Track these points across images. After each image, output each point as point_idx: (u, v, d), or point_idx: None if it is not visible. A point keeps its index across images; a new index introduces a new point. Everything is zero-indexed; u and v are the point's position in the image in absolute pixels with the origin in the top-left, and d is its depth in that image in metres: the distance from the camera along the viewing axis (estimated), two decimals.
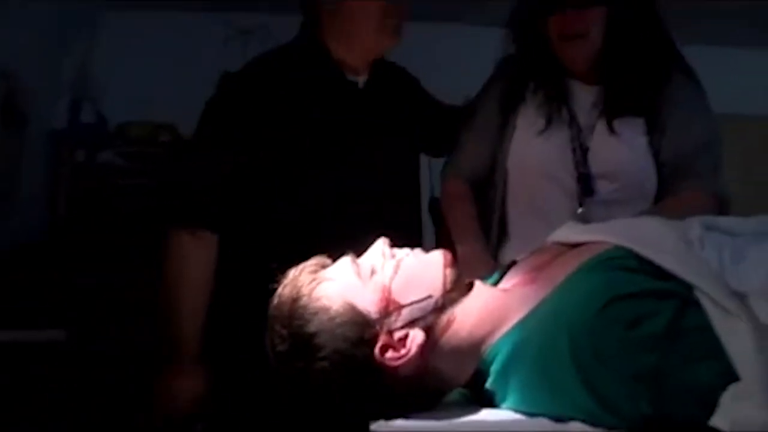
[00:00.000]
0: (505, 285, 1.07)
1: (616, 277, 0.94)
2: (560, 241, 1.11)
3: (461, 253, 1.46)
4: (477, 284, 1.04)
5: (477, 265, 1.42)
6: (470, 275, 1.06)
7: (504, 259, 1.49)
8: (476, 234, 1.58)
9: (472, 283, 1.03)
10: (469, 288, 1.02)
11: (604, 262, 0.98)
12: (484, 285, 1.06)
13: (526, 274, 1.05)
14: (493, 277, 1.12)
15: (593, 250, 1.01)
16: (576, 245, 1.07)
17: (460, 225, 1.59)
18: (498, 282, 1.09)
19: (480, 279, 1.07)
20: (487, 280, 1.10)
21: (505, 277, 1.09)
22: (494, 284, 1.09)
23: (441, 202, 1.68)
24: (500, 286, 1.07)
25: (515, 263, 1.12)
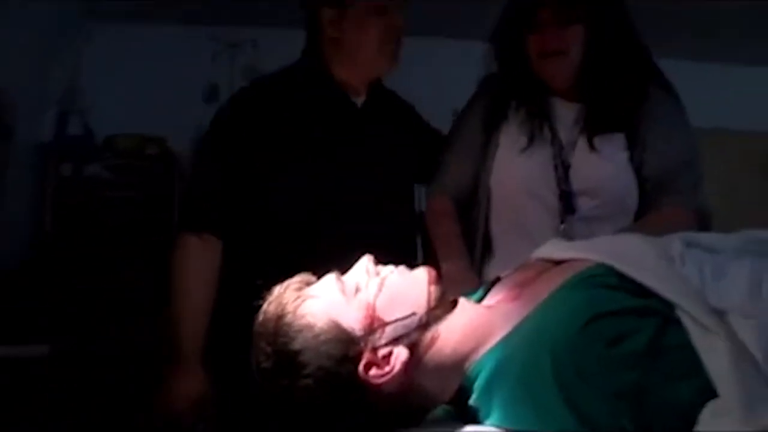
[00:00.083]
0: (489, 302, 1.07)
1: (597, 295, 0.95)
2: (544, 258, 1.12)
3: (445, 270, 1.46)
4: (461, 301, 1.05)
5: (461, 282, 1.41)
6: (454, 292, 1.07)
7: (488, 276, 1.49)
8: (460, 251, 1.58)
9: (456, 300, 1.04)
10: (453, 305, 1.03)
11: (586, 279, 0.98)
12: (468, 302, 1.06)
13: (510, 290, 1.06)
14: (477, 294, 1.12)
15: (576, 268, 1.02)
16: (560, 262, 1.08)
17: (445, 242, 1.60)
18: (482, 299, 1.09)
19: (464, 296, 1.08)
20: (471, 296, 1.11)
21: (489, 293, 1.10)
22: (478, 301, 1.09)
23: (426, 219, 1.68)
24: (484, 303, 1.08)
25: (499, 279, 1.12)
